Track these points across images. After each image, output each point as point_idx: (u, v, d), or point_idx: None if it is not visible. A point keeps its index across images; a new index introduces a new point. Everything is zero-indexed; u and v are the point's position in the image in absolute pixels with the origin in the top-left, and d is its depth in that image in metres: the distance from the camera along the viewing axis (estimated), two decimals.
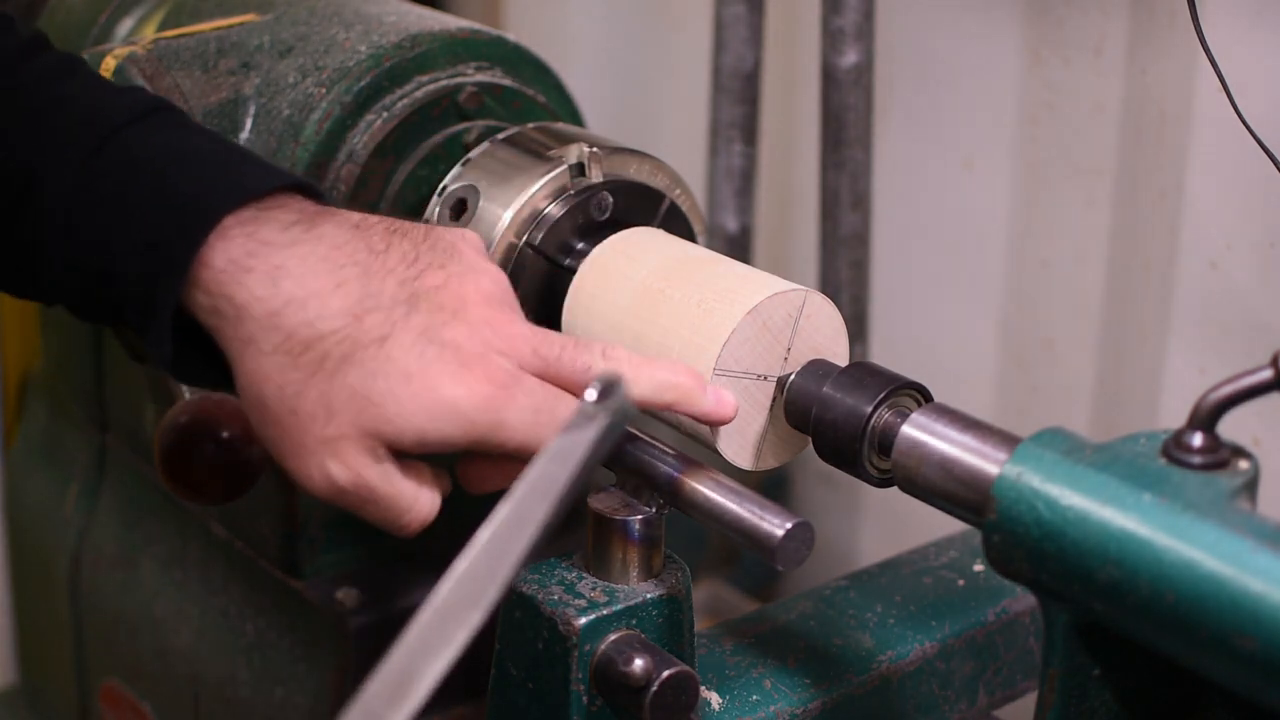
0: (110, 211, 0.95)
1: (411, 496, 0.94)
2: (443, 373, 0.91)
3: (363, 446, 0.91)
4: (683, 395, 0.97)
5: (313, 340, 0.91)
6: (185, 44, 1.24)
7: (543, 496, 0.84)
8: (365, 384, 0.90)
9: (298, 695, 1.33)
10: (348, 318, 0.91)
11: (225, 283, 0.92)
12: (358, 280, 0.93)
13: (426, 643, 0.78)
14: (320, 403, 0.91)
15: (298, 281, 0.92)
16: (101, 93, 1.00)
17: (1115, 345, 1.51)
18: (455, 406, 0.90)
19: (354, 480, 0.92)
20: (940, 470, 0.92)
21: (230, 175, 0.95)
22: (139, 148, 0.96)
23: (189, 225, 0.92)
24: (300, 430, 0.91)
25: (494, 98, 1.25)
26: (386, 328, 0.91)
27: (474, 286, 0.95)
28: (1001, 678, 1.15)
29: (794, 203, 1.78)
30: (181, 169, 0.95)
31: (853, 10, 1.47)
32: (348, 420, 0.90)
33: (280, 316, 0.91)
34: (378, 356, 0.91)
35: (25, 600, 1.74)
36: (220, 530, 1.41)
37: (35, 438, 1.67)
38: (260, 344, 0.92)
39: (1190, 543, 0.79)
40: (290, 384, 0.91)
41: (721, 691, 1.05)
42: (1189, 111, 1.38)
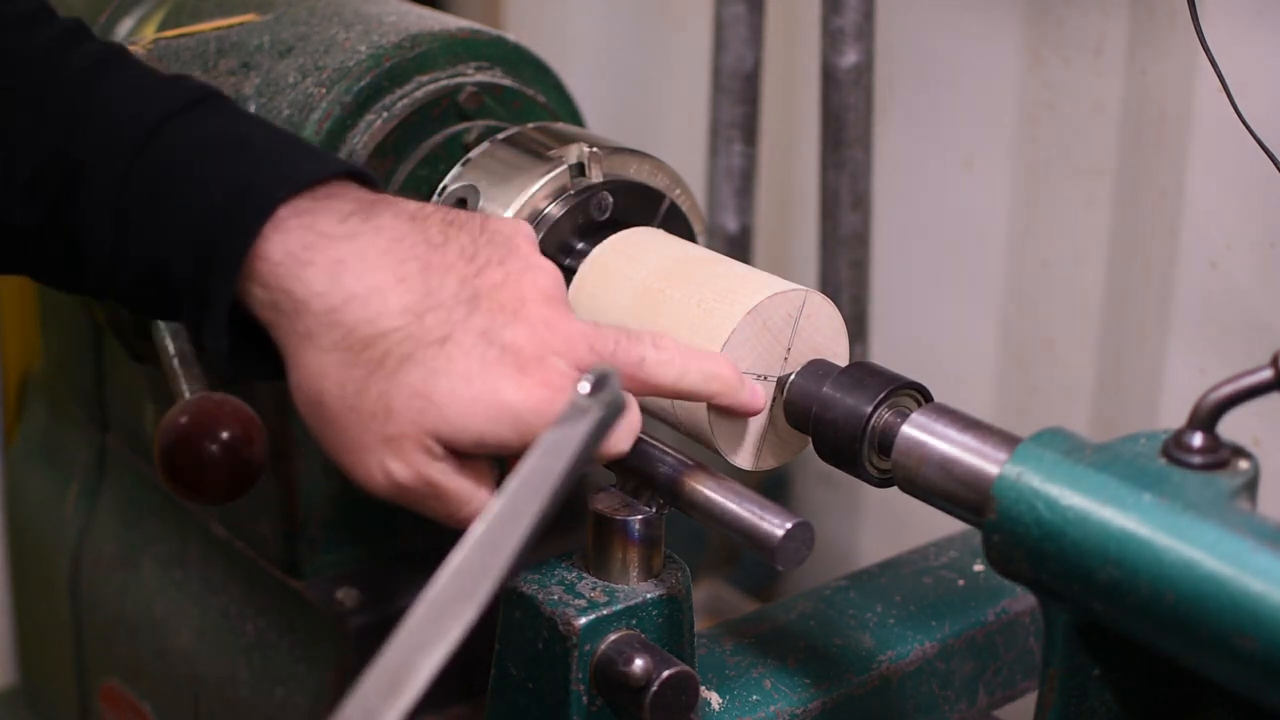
0: (161, 202, 0.94)
1: (470, 493, 0.94)
2: (502, 375, 0.91)
3: (421, 445, 0.91)
4: (726, 387, 0.99)
5: (374, 338, 0.91)
6: (185, 44, 1.24)
7: (536, 491, 0.84)
8: (427, 384, 0.90)
9: (298, 695, 1.33)
10: (409, 316, 0.91)
11: (283, 276, 0.91)
12: (418, 276, 0.92)
13: (421, 637, 0.78)
14: (380, 401, 0.91)
15: (358, 277, 0.91)
16: (149, 81, 0.99)
17: (1115, 345, 1.51)
18: (514, 410, 0.91)
19: (415, 478, 0.92)
20: (940, 470, 0.92)
21: (284, 164, 0.94)
22: (189, 137, 0.95)
23: (243, 216, 0.91)
24: (360, 428, 0.91)
25: (494, 98, 1.25)
26: (447, 328, 0.91)
27: (532, 284, 0.95)
28: (1001, 678, 1.15)
29: (794, 203, 1.78)
30: (233, 158, 0.94)
31: (853, 10, 1.47)
32: (408, 420, 0.90)
33: (340, 313, 0.91)
34: (439, 357, 0.90)
35: (25, 600, 1.74)
36: (220, 530, 1.41)
37: (35, 438, 1.67)
38: (319, 340, 0.91)
39: (1190, 543, 0.79)
40: (351, 381, 0.91)
41: (721, 691, 1.05)
42: (1189, 111, 1.38)
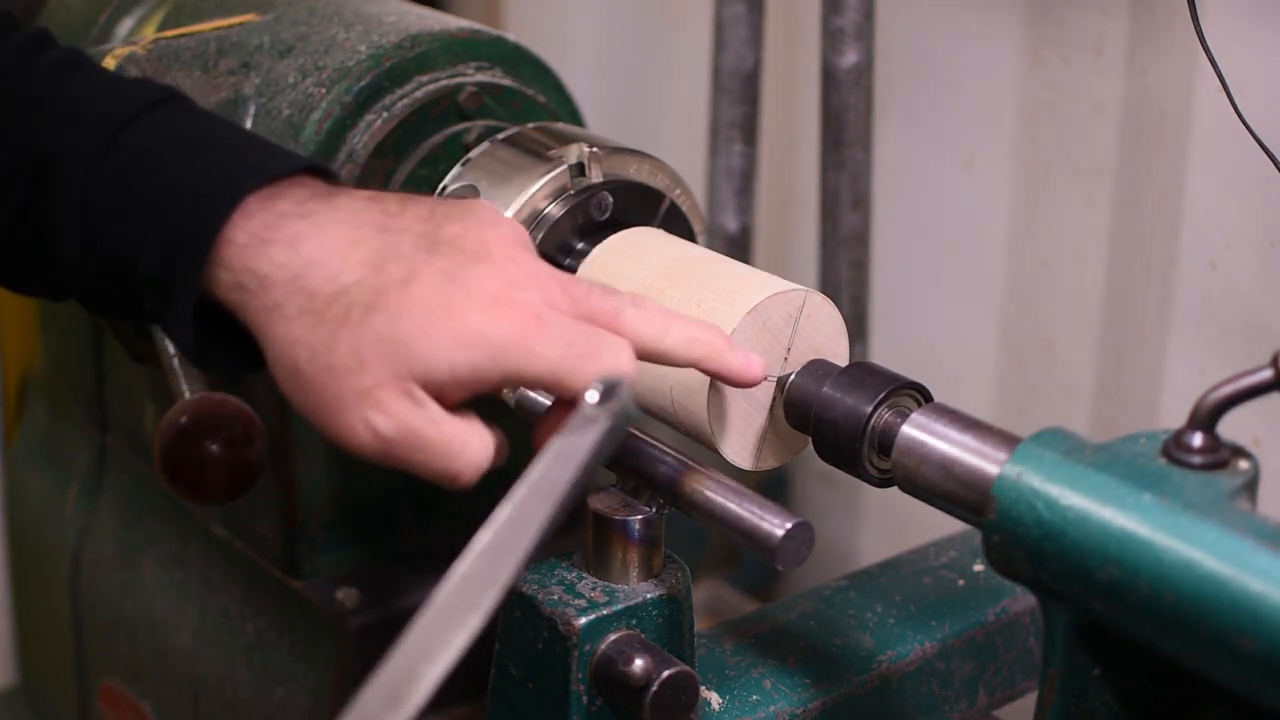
0: (131, 196, 0.95)
1: (461, 440, 0.91)
2: (468, 305, 0.90)
3: (400, 391, 0.90)
4: (711, 351, 0.96)
5: (336, 295, 0.91)
6: (185, 44, 1.24)
7: (544, 498, 0.83)
8: (393, 327, 0.90)
9: (298, 695, 1.33)
10: (368, 268, 0.91)
11: (247, 256, 0.92)
12: (376, 237, 0.93)
13: (425, 646, 0.78)
14: (352, 354, 0.90)
15: (316, 244, 0.92)
16: (112, 84, 1.01)
17: (1115, 345, 1.51)
18: (485, 334, 0.89)
19: (399, 428, 0.90)
20: (940, 470, 0.92)
21: (250, 158, 0.96)
22: (155, 135, 0.97)
23: (211, 206, 0.93)
24: (337, 386, 0.91)
25: (494, 98, 1.25)
26: (408, 271, 0.91)
27: (494, 233, 0.94)
28: (1001, 678, 1.15)
29: (794, 203, 1.78)
30: (201, 154, 0.96)
31: (853, 10, 1.47)
32: (381, 367, 0.89)
33: (302, 279, 0.91)
34: (402, 299, 0.90)
35: (25, 600, 1.74)
36: (220, 530, 1.41)
37: (35, 438, 1.67)
38: (285, 309, 0.92)
39: (1190, 543, 0.79)
40: (320, 341, 0.91)
41: (721, 691, 1.05)
42: (1189, 111, 1.38)
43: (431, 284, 0.90)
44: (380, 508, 1.35)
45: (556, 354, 0.90)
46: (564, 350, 0.90)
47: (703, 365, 0.96)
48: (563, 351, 0.90)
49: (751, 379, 0.97)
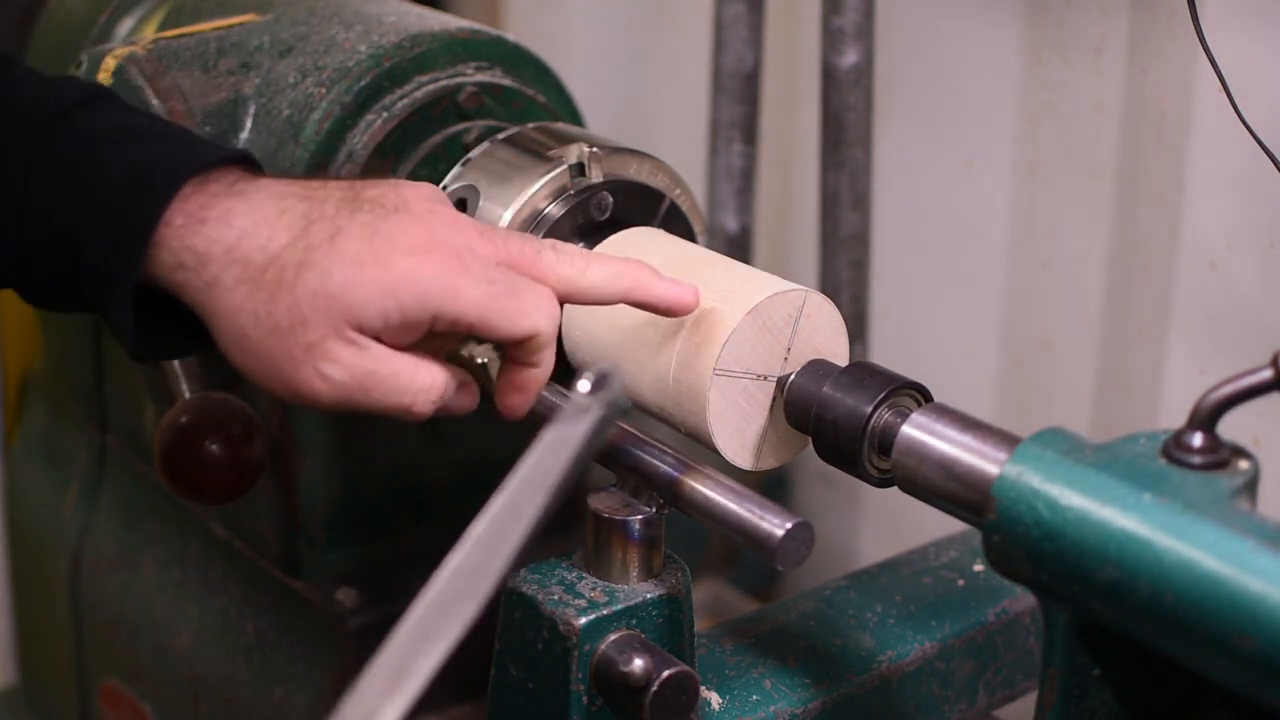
0: (69, 184, 0.98)
1: (409, 372, 0.96)
2: (393, 253, 0.95)
3: (343, 339, 0.94)
4: (636, 283, 1.00)
5: (269, 260, 0.95)
6: (185, 44, 1.24)
7: (536, 488, 0.84)
8: (325, 282, 0.94)
9: (298, 695, 1.33)
10: (295, 231, 0.96)
11: (185, 235, 0.96)
12: (300, 203, 0.97)
13: (422, 635, 0.79)
14: (292, 313, 0.94)
15: (246, 216, 0.96)
16: (43, 82, 1.04)
17: (1115, 345, 1.51)
18: (411, 279, 0.94)
19: (350, 372, 0.95)
20: (940, 470, 0.92)
21: (185, 148, 1.00)
22: (92, 126, 1.01)
23: (152, 191, 0.96)
24: (285, 346, 0.95)
25: (494, 98, 1.25)
26: (333, 229, 0.96)
27: (412, 191, 0.99)
28: (1001, 678, 1.15)
29: (794, 203, 1.78)
30: (139, 143, 1.00)
31: (853, 10, 1.47)
32: (321, 320, 0.94)
33: (236, 250, 0.96)
34: (330, 254, 0.94)
35: (25, 600, 1.74)
36: (220, 530, 1.41)
37: (35, 438, 1.67)
38: (224, 280, 0.96)
39: (1190, 543, 0.79)
40: (261, 305, 0.95)
41: (721, 691, 1.05)
42: (1189, 111, 1.38)
43: (357, 236, 0.95)
44: (380, 508, 1.35)
45: (480, 293, 0.95)
46: (487, 289, 0.95)
47: (631, 298, 1.00)
48: (486, 290, 0.94)
49: (685, 305, 1.01)
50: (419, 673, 0.77)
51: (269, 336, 0.95)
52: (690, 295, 1.00)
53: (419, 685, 0.77)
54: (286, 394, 0.97)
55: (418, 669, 0.78)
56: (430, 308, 0.94)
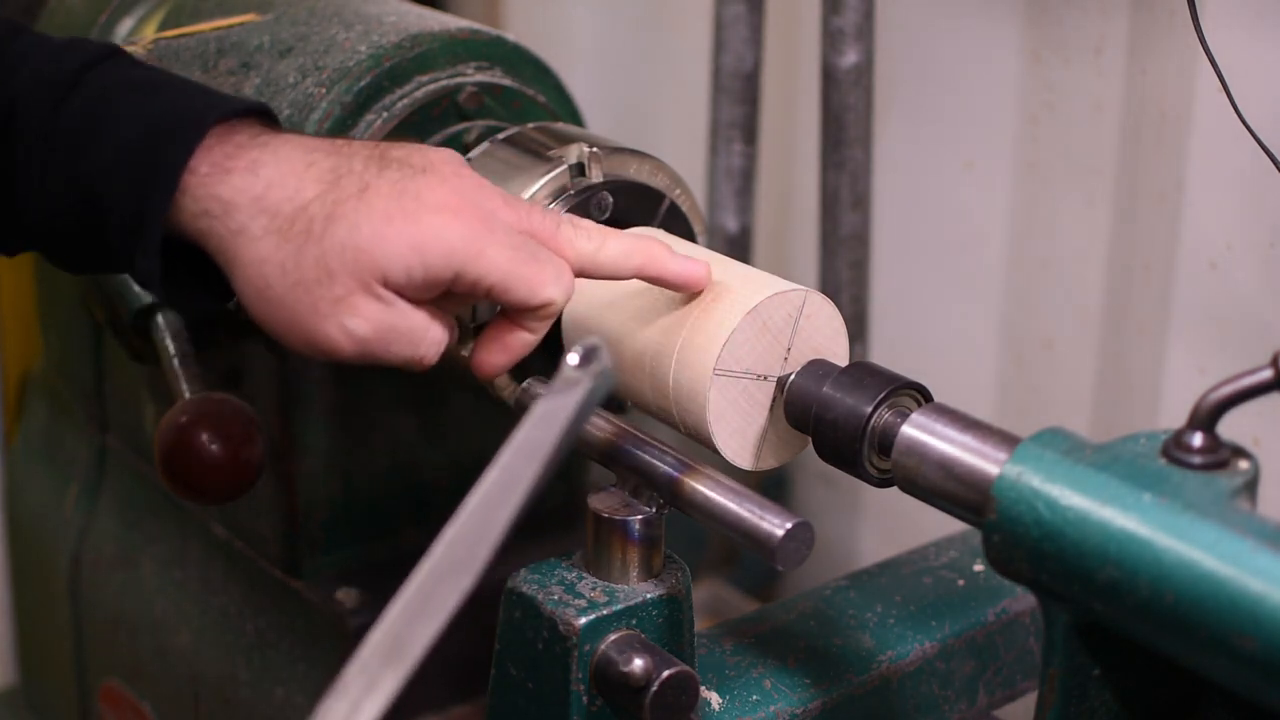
0: (94, 133, 0.98)
1: (424, 326, 0.97)
2: (420, 210, 0.96)
3: (370, 294, 0.95)
4: (650, 259, 1.02)
5: (297, 211, 0.95)
6: (185, 44, 1.24)
7: (529, 460, 0.85)
8: (353, 235, 0.94)
9: (298, 695, 1.33)
10: (324, 184, 0.96)
11: (211, 184, 0.96)
12: (327, 159, 0.98)
13: (420, 606, 0.80)
14: (319, 266, 0.95)
15: (274, 167, 0.97)
16: (60, 43, 1.04)
17: (1115, 345, 1.51)
18: (438, 236, 0.95)
19: (374, 327, 0.96)
20: (940, 470, 0.92)
21: (208, 98, 1.01)
22: (113, 79, 1.01)
23: (180, 135, 0.96)
24: (310, 298, 0.95)
25: (494, 98, 1.25)
26: (362, 183, 0.96)
27: (438, 155, 1.00)
28: (1001, 678, 1.15)
29: (794, 203, 1.78)
30: (160, 93, 1.00)
31: (853, 10, 1.47)
32: (348, 274, 0.94)
33: (264, 199, 0.96)
34: (359, 208, 0.95)
35: (25, 600, 1.74)
36: (220, 530, 1.41)
37: (35, 438, 1.67)
38: (251, 230, 0.96)
39: (1190, 543, 0.79)
40: (288, 258, 0.95)
41: (721, 691, 1.05)
42: (1189, 111, 1.38)
43: (385, 192, 0.96)
44: (380, 508, 1.35)
45: (504, 258, 0.96)
46: (511, 254, 0.96)
47: (644, 274, 1.02)
48: (510, 256, 0.96)
49: (698, 280, 1.02)
50: (417, 643, 0.79)
51: (294, 289, 0.95)
52: (703, 271, 1.02)
53: (418, 655, 0.79)
54: (304, 346, 0.97)
55: (416, 639, 0.79)
56: (454, 266, 0.95)
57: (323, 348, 0.96)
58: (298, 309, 0.96)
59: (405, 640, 0.79)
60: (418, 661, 0.79)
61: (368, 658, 0.78)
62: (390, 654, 0.79)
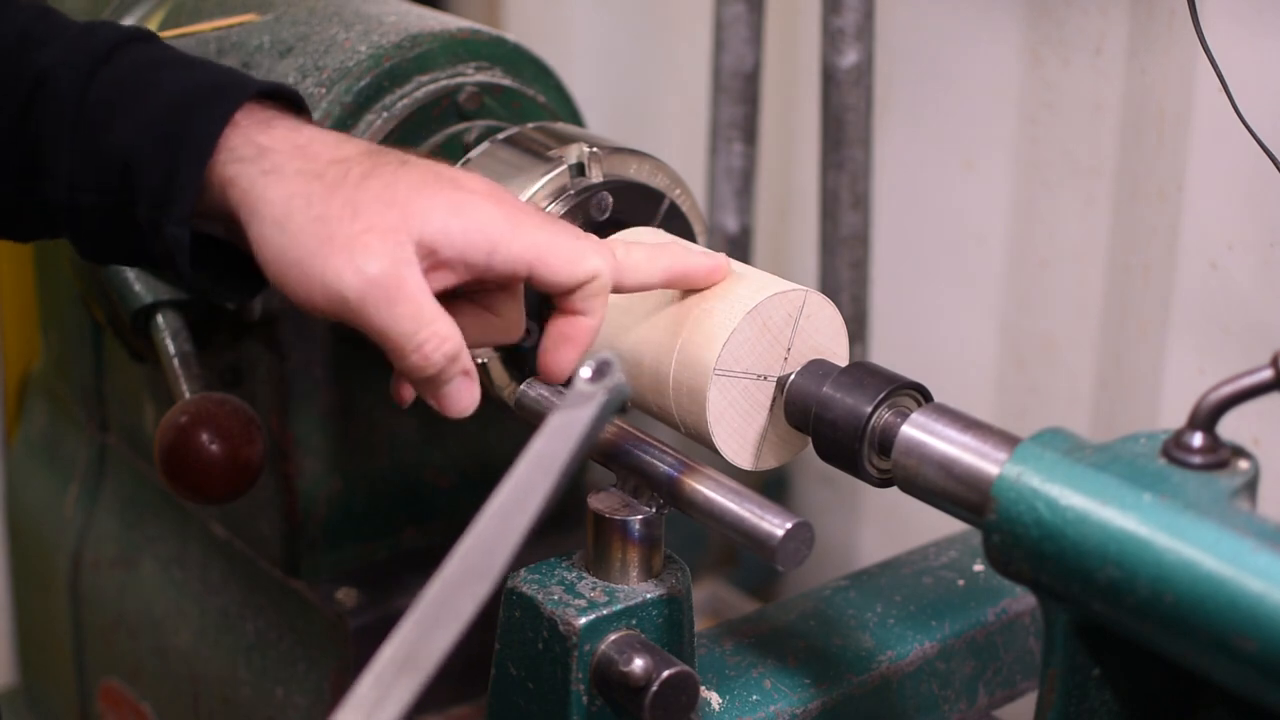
0: (126, 104, 0.97)
1: (431, 313, 0.93)
2: (459, 186, 0.96)
3: (393, 240, 0.93)
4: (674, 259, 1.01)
5: (337, 160, 0.95)
6: (185, 44, 1.24)
7: (545, 471, 0.86)
8: (389, 190, 0.94)
9: (298, 695, 1.33)
10: (365, 152, 0.97)
11: (249, 131, 0.96)
12: (363, 143, 0.99)
13: (436, 614, 0.80)
14: (347, 205, 0.93)
15: (314, 132, 0.98)
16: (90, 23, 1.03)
17: (1115, 345, 1.51)
18: (478, 205, 0.95)
19: (384, 270, 0.92)
20: (940, 470, 0.92)
21: (242, 74, 1.01)
22: (146, 55, 1.00)
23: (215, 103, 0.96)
24: (327, 231, 0.93)
25: (494, 98, 1.25)
26: (400, 159, 0.97)
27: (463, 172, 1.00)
28: (1001, 678, 1.15)
29: (794, 203, 1.78)
30: (193, 68, 1.00)
31: (853, 10, 1.47)
32: (375, 216, 0.93)
33: (306, 149, 0.96)
34: (398, 173, 0.95)
35: (25, 600, 1.74)
36: (220, 530, 1.41)
37: (35, 438, 1.67)
38: (284, 170, 0.95)
39: (1190, 543, 0.79)
40: (315, 194, 0.94)
41: (721, 691, 1.05)
42: (1189, 111, 1.38)
43: (424, 170, 0.96)
44: (380, 508, 1.35)
45: (542, 234, 0.95)
46: (547, 231, 0.96)
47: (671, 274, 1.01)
48: (546, 232, 0.96)
49: (720, 271, 1.02)
50: (434, 650, 0.79)
51: (314, 222, 0.93)
52: (723, 261, 1.03)
53: (435, 662, 0.79)
54: (307, 291, 0.93)
55: (433, 646, 0.79)
56: (492, 238, 0.94)
57: (327, 287, 0.92)
58: (311, 241, 0.93)
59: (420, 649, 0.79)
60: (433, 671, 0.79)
61: (383, 666, 0.79)
62: (405, 663, 0.79)
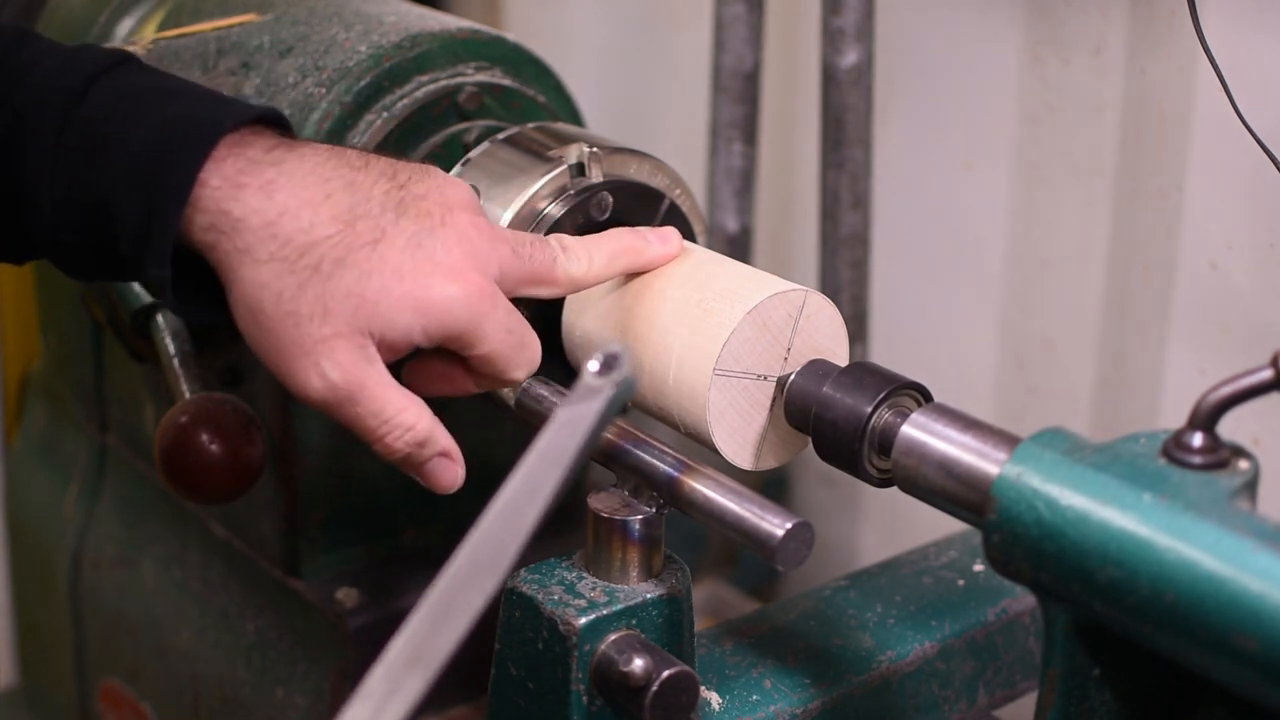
0: (104, 143, 0.98)
1: (395, 406, 0.97)
2: (434, 273, 0.96)
3: (355, 345, 0.95)
4: (635, 257, 1.07)
5: (308, 246, 0.95)
6: (185, 44, 1.24)
7: (553, 466, 0.86)
8: (360, 284, 0.95)
9: (298, 695, 1.33)
10: (340, 224, 0.96)
11: (221, 199, 0.95)
12: (344, 191, 0.97)
13: (445, 609, 0.81)
14: (317, 304, 0.95)
15: (290, 194, 0.96)
16: (68, 50, 1.03)
17: (1115, 345, 1.51)
18: (444, 307, 0.96)
19: (345, 377, 0.95)
20: (940, 470, 0.92)
21: (218, 105, 1.00)
22: (122, 87, 1.00)
23: (189, 146, 0.96)
24: (298, 332, 0.95)
25: (494, 98, 1.25)
26: (378, 232, 0.96)
27: (455, 194, 1.00)
28: (1001, 678, 1.15)
29: (794, 203, 1.78)
30: (169, 102, 0.99)
31: (853, 10, 1.47)
32: (343, 319, 0.95)
33: (276, 226, 0.95)
34: (371, 258, 0.95)
35: (25, 600, 1.74)
36: (220, 530, 1.41)
37: (35, 438, 1.67)
38: (256, 253, 0.95)
39: (1190, 543, 0.79)
40: (287, 289, 0.95)
41: (721, 691, 1.05)
42: (1189, 111, 1.38)
43: (400, 247, 0.96)
44: (380, 508, 1.35)
45: (499, 338, 0.98)
46: (505, 336, 0.99)
47: (635, 269, 1.07)
48: (504, 336, 0.99)
49: (675, 250, 1.08)
50: (442, 646, 0.80)
51: (286, 319, 0.95)
52: (675, 240, 1.08)
53: (443, 658, 0.80)
54: (280, 376, 0.97)
55: (441, 642, 0.80)
56: (450, 335, 0.97)
57: (294, 384, 0.96)
58: (283, 338, 0.95)
59: (428, 645, 0.80)
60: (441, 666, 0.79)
61: (391, 661, 0.79)
62: (414, 659, 0.79)
